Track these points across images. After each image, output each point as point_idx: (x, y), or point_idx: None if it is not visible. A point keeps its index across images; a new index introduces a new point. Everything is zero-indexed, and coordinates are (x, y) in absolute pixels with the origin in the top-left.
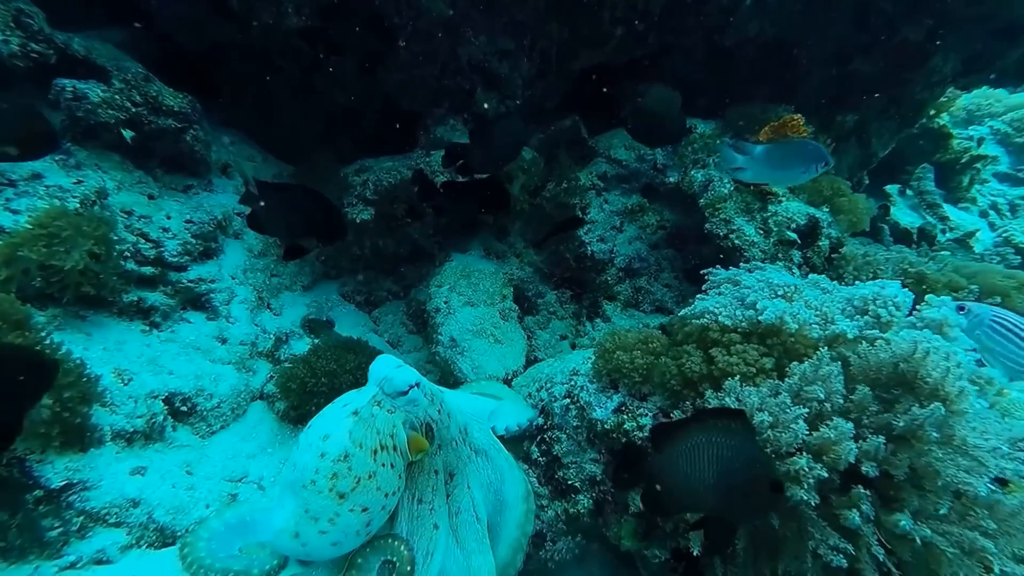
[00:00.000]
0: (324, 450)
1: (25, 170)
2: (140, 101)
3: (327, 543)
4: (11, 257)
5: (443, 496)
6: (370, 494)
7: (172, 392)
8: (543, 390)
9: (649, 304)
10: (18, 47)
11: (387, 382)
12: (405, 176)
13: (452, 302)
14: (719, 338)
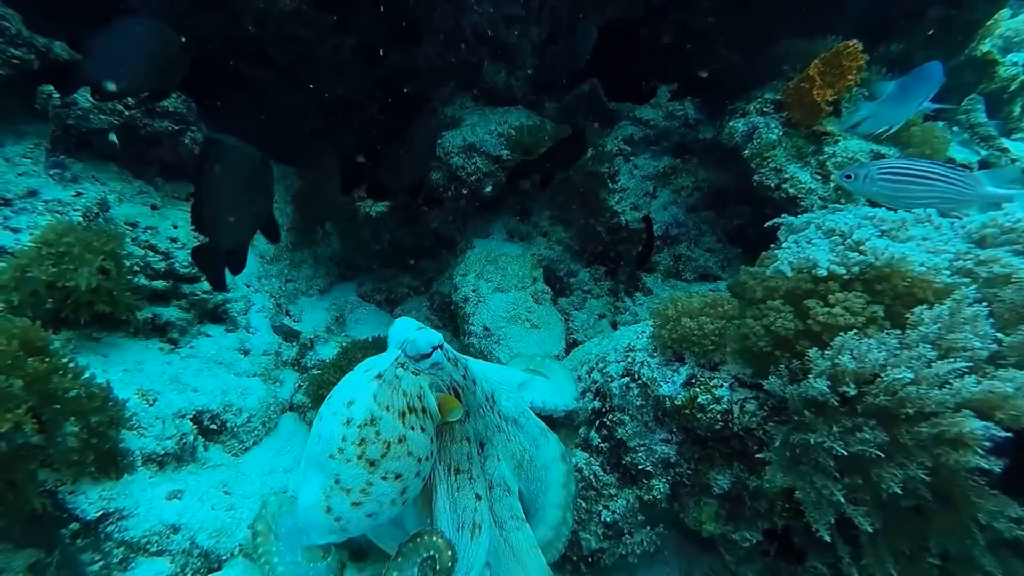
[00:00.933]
0: (349, 416)
1: (19, 187)
2: (133, 103)
3: (362, 515)
4: (19, 280)
5: (479, 465)
6: (402, 460)
7: (199, 410)
8: (595, 371)
9: (692, 272)
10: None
11: (409, 344)
12: None
13: (481, 290)
14: (813, 288)
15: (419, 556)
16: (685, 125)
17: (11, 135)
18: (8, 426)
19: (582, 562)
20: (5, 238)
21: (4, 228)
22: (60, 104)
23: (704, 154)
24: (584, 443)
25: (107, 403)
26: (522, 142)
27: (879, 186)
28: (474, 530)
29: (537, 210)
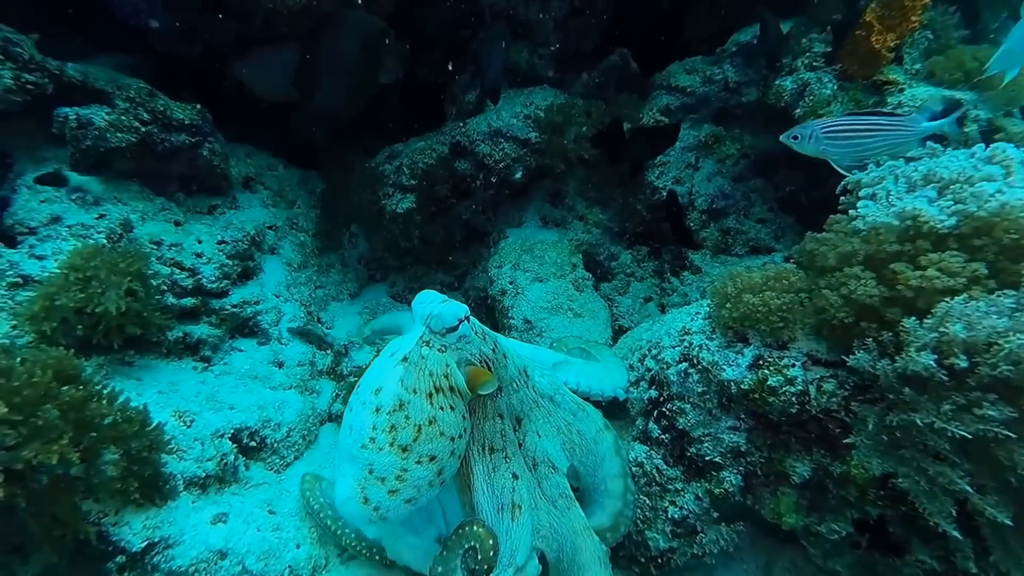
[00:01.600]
0: (378, 404)
1: (43, 214)
2: (148, 119)
3: (400, 502)
4: (49, 308)
5: (515, 443)
6: (434, 441)
7: (238, 428)
8: (648, 358)
9: (742, 245)
10: (12, 80)
11: (434, 319)
12: (442, 153)
13: (518, 281)
14: (899, 250)
15: (461, 548)
16: (725, 89)
17: (31, 162)
18: (55, 458)
19: (651, 563)
20: (31, 266)
21: (30, 256)
22: (76, 126)
23: (748, 118)
24: (643, 435)
25: (145, 427)
26: (552, 122)
27: (824, 144)
28: (514, 511)
29: (571, 193)
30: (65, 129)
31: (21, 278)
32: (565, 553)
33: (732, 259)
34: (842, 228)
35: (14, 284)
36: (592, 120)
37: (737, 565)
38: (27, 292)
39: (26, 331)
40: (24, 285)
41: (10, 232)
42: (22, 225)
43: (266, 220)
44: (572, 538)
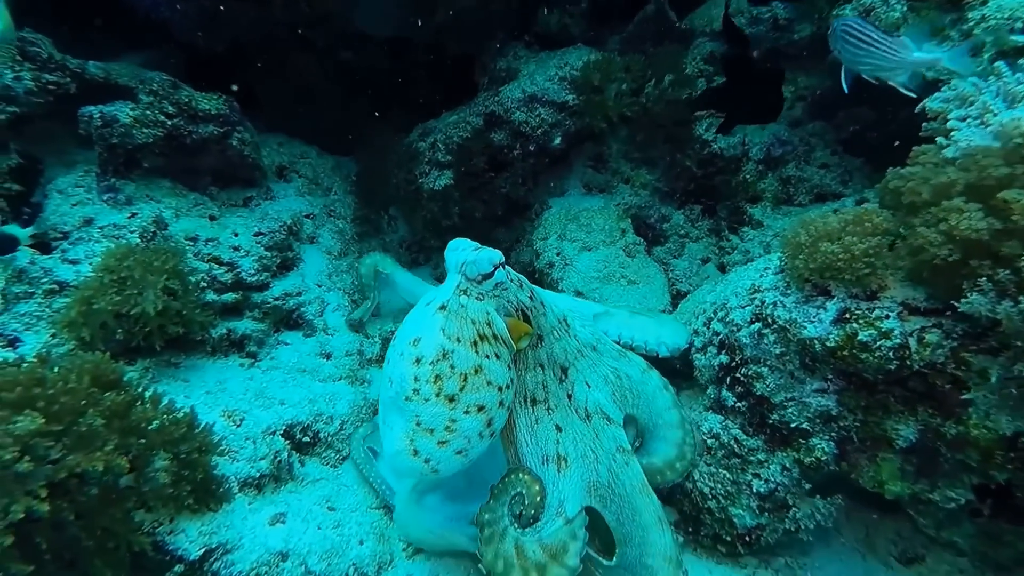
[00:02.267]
0: (419, 355)
1: (75, 218)
2: (174, 111)
3: (451, 453)
4: (88, 313)
5: (559, 395)
6: (482, 391)
7: (289, 424)
8: (715, 322)
9: (805, 194)
10: (32, 81)
11: (469, 265)
12: (476, 125)
13: (566, 251)
14: (1009, 173)
15: (507, 495)
16: (775, 28)
17: (61, 166)
18: (100, 465)
19: (738, 542)
20: (65, 271)
21: (63, 261)
22: (101, 124)
23: (802, 57)
24: (716, 404)
25: (193, 429)
26: (589, 81)
27: (839, 44)
28: (559, 463)
29: (614, 155)
30: (91, 128)
31: (57, 284)
32: (625, 515)
33: (796, 209)
34: (931, 159)
35: (50, 291)
36: (632, 75)
37: (834, 540)
38: (64, 299)
39: (65, 339)
40: (60, 292)
41: (44, 239)
42: (55, 230)
43: (303, 209)
44: (631, 498)
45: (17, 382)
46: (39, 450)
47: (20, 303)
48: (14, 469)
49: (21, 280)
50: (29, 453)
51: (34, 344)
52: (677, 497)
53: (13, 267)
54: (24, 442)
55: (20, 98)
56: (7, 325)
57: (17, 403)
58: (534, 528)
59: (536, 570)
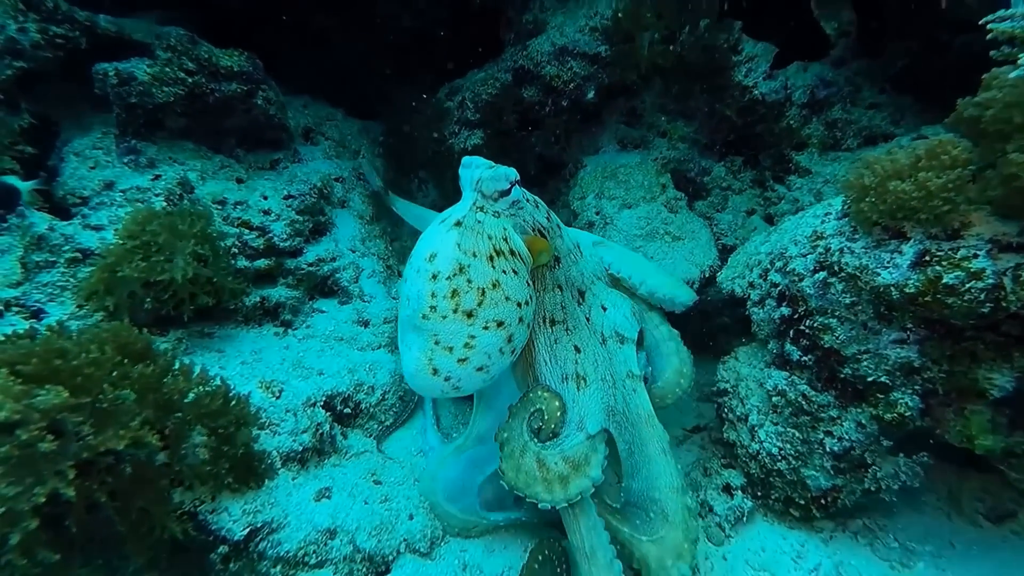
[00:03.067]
0: (435, 270)
1: (95, 182)
2: (194, 68)
3: (471, 370)
4: (111, 281)
5: (580, 317)
6: (500, 306)
7: (329, 394)
8: (772, 272)
9: (854, 137)
10: (39, 34)
11: (485, 182)
12: (505, 81)
13: (605, 210)
14: None
15: (527, 411)
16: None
17: (77, 128)
18: (125, 442)
19: (813, 505)
20: (87, 238)
21: (85, 227)
22: (118, 82)
23: None
24: (780, 359)
25: (228, 401)
26: (622, 29)
27: None
28: (579, 382)
29: (649, 109)
30: (106, 87)
31: (80, 252)
32: (635, 445)
33: (844, 154)
34: (1006, 82)
35: (73, 260)
36: (666, 21)
37: (915, 499)
38: (88, 267)
39: (91, 310)
40: (84, 260)
41: (63, 203)
42: (74, 195)
43: (332, 172)
44: (639, 427)
45: (32, 354)
46: (68, 426)
47: (42, 272)
48: (38, 448)
49: (41, 248)
50: (57, 429)
51: (59, 316)
52: (743, 460)
53: (32, 234)
54: (51, 417)
55: (27, 52)
56: (29, 296)
57: (36, 376)
58: (555, 442)
59: (559, 482)
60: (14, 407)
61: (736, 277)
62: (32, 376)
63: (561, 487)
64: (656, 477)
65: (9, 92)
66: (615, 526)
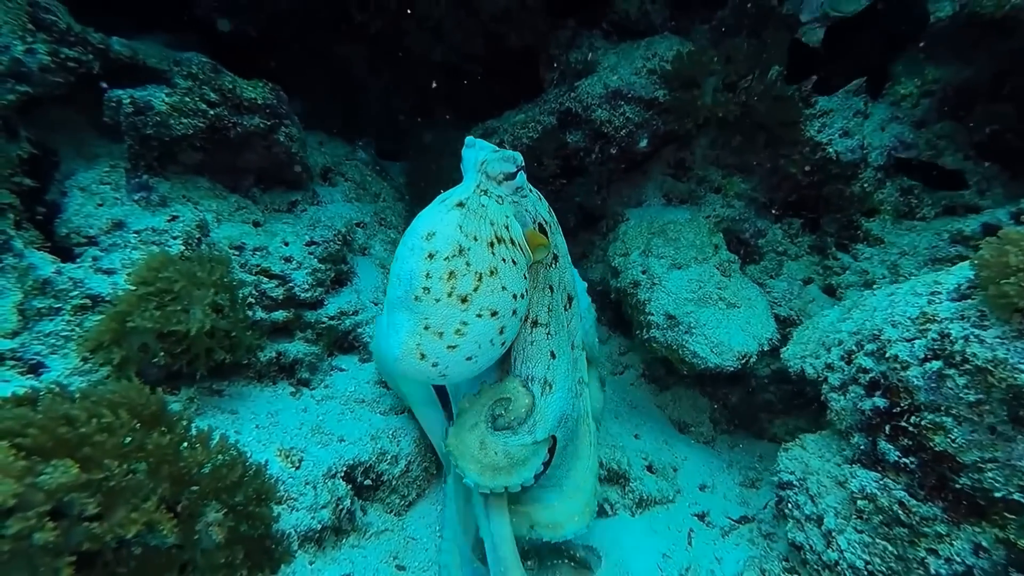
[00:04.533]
0: (432, 249)
1: (103, 220)
2: (216, 99)
3: (460, 359)
4: (121, 332)
5: (562, 322)
6: (496, 295)
7: (350, 464)
8: (860, 355)
9: (932, 206)
10: (48, 55)
11: (490, 163)
12: (548, 124)
13: (653, 269)
14: None
15: (495, 396)
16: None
17: (82, 159)
18: (137, 528)
19: None
20: (98, 283)
21: (96, 271)
22: (133, 111)
23: (935, 44)
24: (868, 457)
25: (249, 473)
26: (682, 73)
27: None
28: (545, 387)
29: (699, 160)
30: (119, 116)
31: (89, 299)
32: (570, 442)
33: (921, 224)
34: None
35: (81, 307)
36: (735, 67)
37: None
38: (96, 316)
39: (98, 363)
40: (93, 307)
41: (66, 243)
42: (79, 234)
43: (353, 216)
44: (576, 425)
45: (35, 423)
46: (73, 507)
47: (43, 320)
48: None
49: (45, 293)
50: (64, 512)
51: (60, 370)
52: (814, 567)
53: (34, 277)
54: (56, 499)
55: (34, 76)
56: (28, 347)
57: (40, 448)
58: (505, 434)
59: (491, 469)
60: (14, 488)
61: (808, 356)
62: (36, 449)
63: (490, 474)
64: (576, 461)
65: (9, 118)
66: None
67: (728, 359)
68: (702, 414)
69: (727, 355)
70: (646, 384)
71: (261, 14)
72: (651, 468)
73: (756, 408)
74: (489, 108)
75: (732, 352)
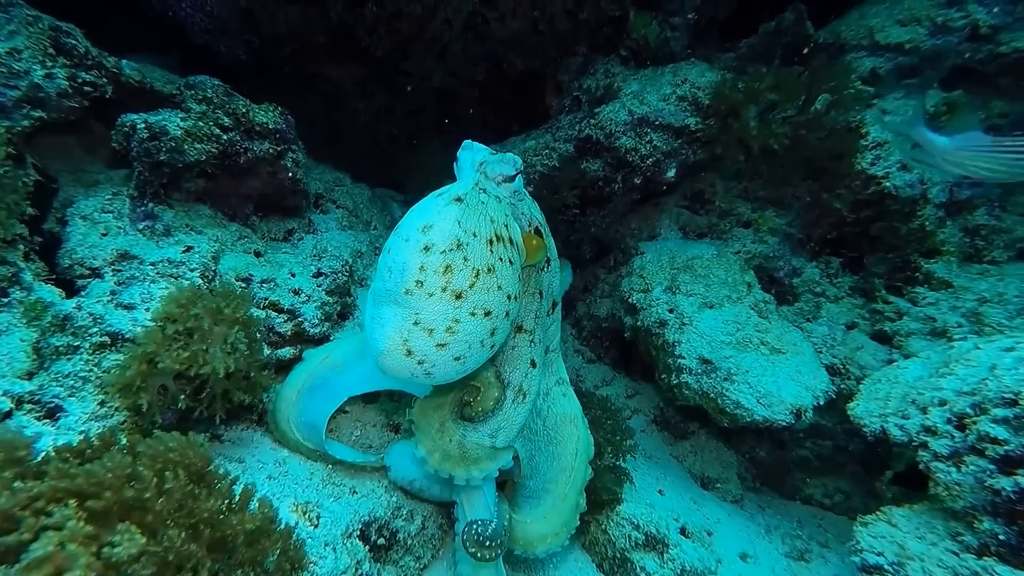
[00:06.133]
0: (428, 242)
1: (107, 251)
2: (230, 124)
3: (448, 358)
4: (148, 374)
5: (544, 328)
6: (491, 293)
7: (366, 521)
8: (984, 421)
9: (1003, 248)
10: (66, 80)
11: (490, 164)
12: (565, 152)
13: (681, 307)
14: None
15: (468, 380)
16: (971, 37)
17: (80, 185)
18: None
19: None
20: (119, 320)
21: (115, 306)
22: (148, 136)
23: (1005, 75)
24: (1004, 548)
25: (278, 534)
26: (727, 99)
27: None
28: (519, 395)
29: (720, 193)
30: (130, 142)
31: (108, 336)
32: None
33: (992, 268)
34: None
35: (100, 345)
36: (785, 94)
37: None
38: (116, 355)
39: (117, 407)
40: (112, 346)
41: (68, 274)
42: (83, 265)
43: (353, 245)
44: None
45: (105, 482)
46: None
47: (61, 360)
48: None
49: (64, 330)
50: None
51: (79, 415)
52: None
53: (54, 313)
54: (120, 570)
55: (51, 101)
56: (47, 389)
57: (106, 512)
58: (465, 425)
59: (439, 453)
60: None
61: (891, 414)
62: (103, 513)
63: (439, 457)
64: (559, 472)
65: (18, 144)
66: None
67: (779, 412)
68: (728, 469)
69: (777, 408)
70: (658, 432)
71: (256, 36)
72: (684, 531)
73: (788, 465)
74: (483, 135)
75: (784, 404)
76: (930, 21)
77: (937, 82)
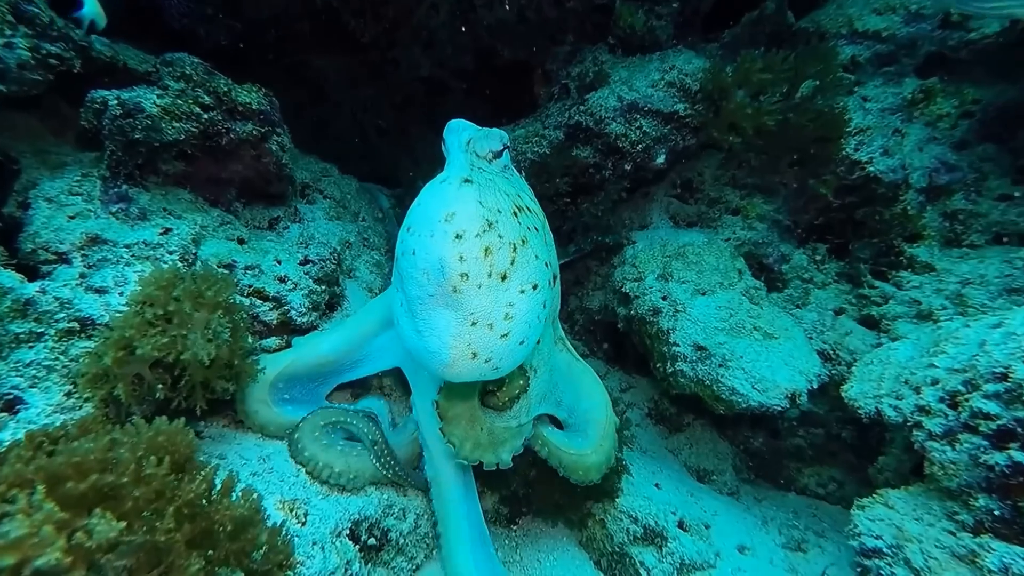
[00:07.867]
0: (458, 230)
1: (76, 234)
2: (210, 103)
3: (514, 346)
4: (124, 361)
5: (554, 307)
6: (531, 265)
7: (355, 519)
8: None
9: (980, 232)
10: (28, 51)
11: (478, 141)
12: (555, 139)
13: (674, 295)
14: None
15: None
16: (942, 26)
17: (45, 167)
18: None
19: None
20: (89, 304)
21: (85, 290)
22: (121, 113)
23: (976, 63)
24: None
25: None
26: (719, 84)
27: None
28: (531, 371)
29: (708, 181)
30: (103, 119)
31: (77, 322)
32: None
33: (971, 252)
34: None
35: (67, 332)
36: (776, 74)
37: None
38: (86, 343)
39: (86, 398)
40: (82, 332)
41: (32, 260)
42: (47, 250)
43: (341, 235)
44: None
45: (85, 464)
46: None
47: (22, 348)
48: None
49: (26, 316)
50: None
51: (41, 406)
52: None
53: (14, 298)
54: (92, 559)
55: (11, 73)
56: (4, 380)
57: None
58: (491, 413)
59: (470, 443)
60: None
61: (885, 395)
62: (80, 498)
63: (470, 447)
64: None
65: None
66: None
67: (774, 397)
68: (724, 461)
69: (772, 393)
70: (653, 425)
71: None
72: (682, 525)
73: (782, 455)
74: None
75: (779, 389)
76: (904, 9)
77: (913, 69)
